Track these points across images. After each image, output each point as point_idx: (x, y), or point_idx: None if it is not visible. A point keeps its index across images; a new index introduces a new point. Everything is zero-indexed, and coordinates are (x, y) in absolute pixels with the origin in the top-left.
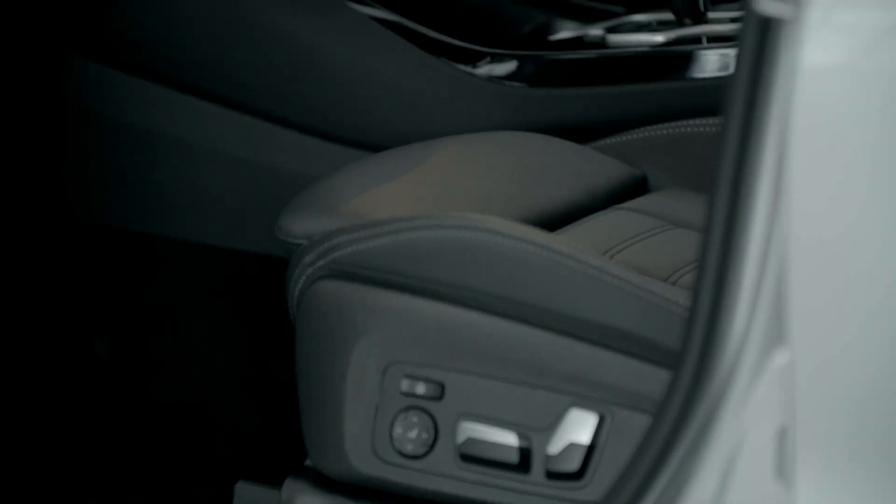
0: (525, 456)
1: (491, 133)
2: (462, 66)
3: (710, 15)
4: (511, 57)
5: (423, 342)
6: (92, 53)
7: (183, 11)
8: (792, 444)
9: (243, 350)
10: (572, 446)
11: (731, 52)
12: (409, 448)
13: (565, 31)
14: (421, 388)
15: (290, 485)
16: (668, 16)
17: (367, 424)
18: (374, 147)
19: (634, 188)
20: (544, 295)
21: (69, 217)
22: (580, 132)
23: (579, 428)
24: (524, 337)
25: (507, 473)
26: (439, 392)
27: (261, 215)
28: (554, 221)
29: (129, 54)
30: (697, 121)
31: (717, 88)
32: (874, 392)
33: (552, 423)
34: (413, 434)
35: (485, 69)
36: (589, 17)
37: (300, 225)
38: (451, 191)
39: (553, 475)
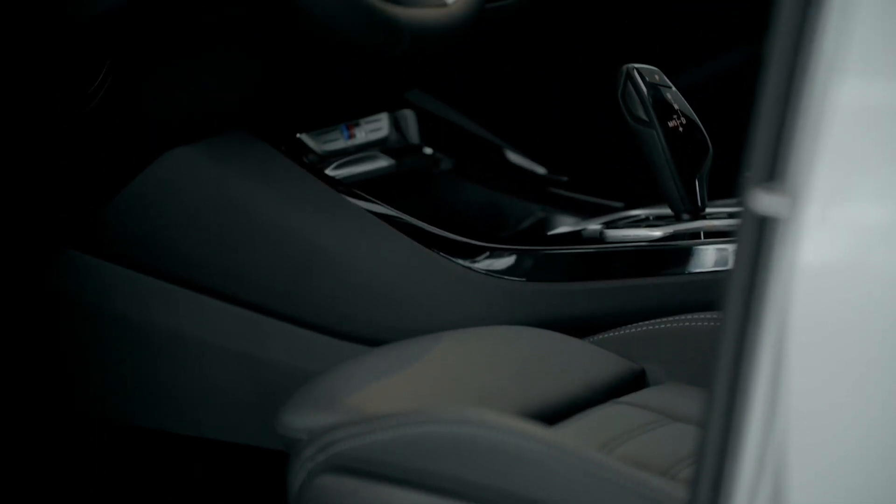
0: None
1: (490, 328)
2: (461, 261)
3: (708, 210)
4: (510, 251)
5: None
6: (89, 247)
7: (181, 207)
8: None
9: None
10: None
11: (730, 248)
12: None
13: (563, 226)
14: None
15: None
16: (665, 211)
17: None
18: (374, 341)
19: (633, 382)
20: (543, 489)
21: (68, 412)
22: (579, 326)
23: None
24: None
25: None
26: None
27: (261, 409)
28: (553, 415)
29: (126, 248)
30: (696, 315)
31: (715, 283)
32: None
33: None
34: None
35: (483, 264)
36: (587, 212)
37: (300, 419)
38: (450, 385)
39: None
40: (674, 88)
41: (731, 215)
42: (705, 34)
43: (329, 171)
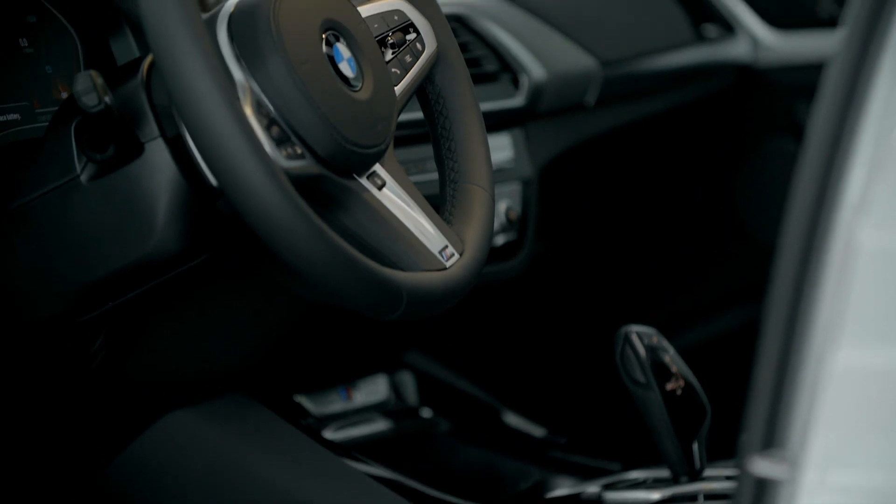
0: None
1: None
2: None
3: (707, 473)
4: None
5: None
6: None
7: (179, 470)
8: None
9: None
10: None
11: None
12: None
13: (562, 488)
14: None
15: None
16: (664, 473)
17: None
18: None
19: None
20: None
21: None
22: None
23: None
24: None
25: None
26: None
27: None
28: None
29: None
30: None
31: None
32: None
33: None
34: None
35: None
36: (585, 474)
37: None
38: None
39: None
40: (672, 350)
41: (729, 478)
42: (703, 296)
43: (327, 434)
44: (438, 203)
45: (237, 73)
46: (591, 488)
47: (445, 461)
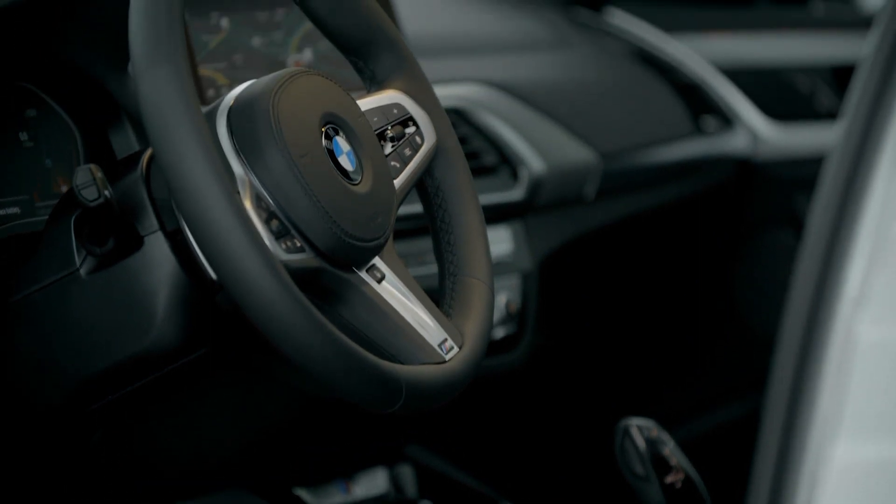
0: None
1: None
2: None
3: None
4: None
5: None
6: None
7: None
8: None
9: None
10: None
11: None
12: None
13: None
14: None
15: None
16: None
17: None
18: None
19: None
20: None
21: None
22: None
23: None
24: None
25: None
26: None
27: None
28: None
29: None
30: None
31: None
32: None
33: None
34: None
35: None
36: None
37: None
38: None
39: None
40: (672, 443)
41: None
42: (703, 388)
43: None
44: (438, 296)
45: (237, 166)
46: None
47: None
